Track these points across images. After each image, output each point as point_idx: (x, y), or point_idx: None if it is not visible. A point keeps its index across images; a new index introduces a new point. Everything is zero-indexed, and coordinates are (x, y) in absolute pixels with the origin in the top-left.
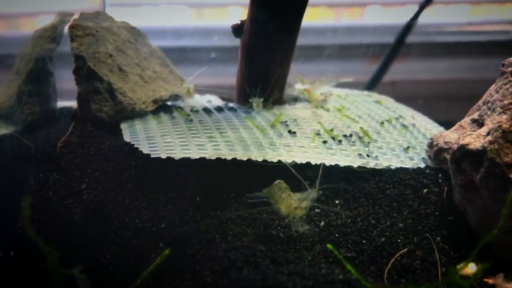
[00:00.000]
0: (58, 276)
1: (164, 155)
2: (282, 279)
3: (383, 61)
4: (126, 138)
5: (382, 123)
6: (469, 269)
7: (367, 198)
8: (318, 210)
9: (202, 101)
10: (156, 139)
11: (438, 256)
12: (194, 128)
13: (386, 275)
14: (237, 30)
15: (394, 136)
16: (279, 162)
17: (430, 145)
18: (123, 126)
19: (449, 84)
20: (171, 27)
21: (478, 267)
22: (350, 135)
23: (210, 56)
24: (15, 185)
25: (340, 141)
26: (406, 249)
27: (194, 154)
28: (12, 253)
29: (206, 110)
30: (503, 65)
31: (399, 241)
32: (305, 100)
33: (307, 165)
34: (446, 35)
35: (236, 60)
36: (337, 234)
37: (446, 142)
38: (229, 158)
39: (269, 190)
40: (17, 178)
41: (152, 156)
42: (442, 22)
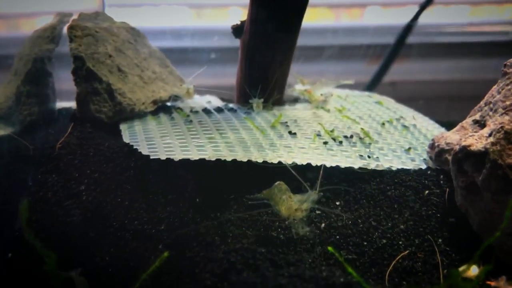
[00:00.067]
0: (56, 278)
1: (163, 156)
2: (283, 282)
3: (384, 61)
4: (125, 139)
5: (383, 124)
6: (471, 271)
7: (368, 200)
8: (318, 212)
9: (201, 101)
10: (155, 140)
11: (439, 258)
12: (194, 129)
13: (387, 278)
14: (237, 30)
15: (395, 137)
16: (280, 163)
17: (432, 146)
18: (122, 127)
19: (449, 84)
20: (171, 28)
21: (480, 270)
22: (351, 136)
23: (210, 56)
24: (14, 186)
25: (340, 142)
26: (408, 251)
27: (194, 155)
28: (10, 255)
29: (206, 111)
30: (505, 65)
31: (401, 243)
32: (305, 100)
33: (308, 166)
34: (447, 36)
35: (236, 60)
36: (338, 236)
37: (447, 143)
38: (229, 159)
39: (269, 192)
40: (15, 179)
41: (151, 157)
42: (442, 23)
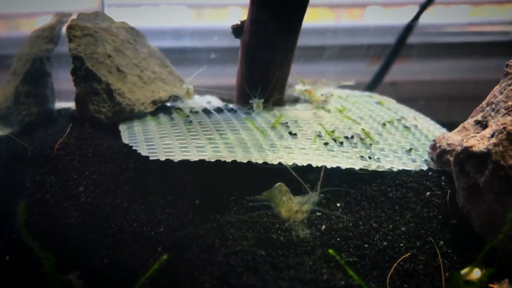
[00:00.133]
0: (55, 281)
1: (163, 157)
2: (283, 285)
3: (384, 61)
4: (125, 139)
5: (384, 125)
6: (473, 274)
7: (369, 201)
8: (319, 214)
9: (201, 102)
10: (155, 141)
11: (441, 260)
12: (194, 129)
13: (388, 280)
14: (237, 30)
15: (396, 137)
16: (280, 164)
17: (433, 147)
18: (122, 128)
19: (450, 84)
20: (171, 28)
21: (482, 272)
22: (352, 137)
23: (209, 56)
24: (12, 187)
25: (341, 143)
26: (409, 253)
27: (194, 156)
28: (8, 257)
29: (206, 111)
30: (507, 65)
31: (402, 245)
32: (305, 101)
33: (308, 167)
34: (447, 36)
35: (236, 60)
36: (338, 238)
37: (449, 144)
38: (229, 160)
39: (269, 193)
40: (13, 180)
41: (150, 158)
42: (442, 23)
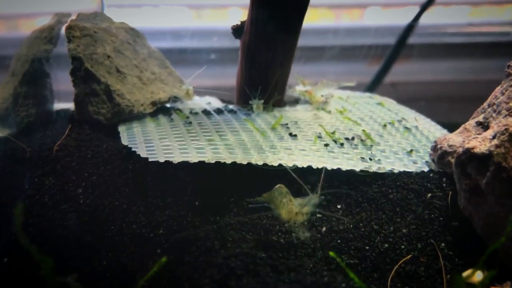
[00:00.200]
0: (52, 284)
1: (162, 159)
2: None
3: (384, 62)
4: (124, 141)
5: (385, 126)
6: (475, 276)
7: (370, 203)
8: (319, 215)
9: (201, 103)
10: (154, 142)
11: (442, 262)
12: (193, 131)
13: (389, 283)
14: (237, 31)
15: (397, 139)
16: (280, 165)
17: (434, 148)
18: (121, 129)
19: (450, 85)
20: (171, 28)
21: (485, 275)
22: (352, 138)
23: (209, 57)
24: (10, 189)
25: (342, 144)
26: (410, 255)
27: (193, 157)
28: (5, 260)
29: (206, 112)
30: (509, 66)
31: (403, 247)
32: (306, 102)
33: (309, 169)
34: (447, 36)
35: (236, 61)
36: (339, 240)
37: (450, 146)
38: (228, 161)
39: (269, 195)
40: (11, 182)
41: (150, 159)
42: (443, 23)
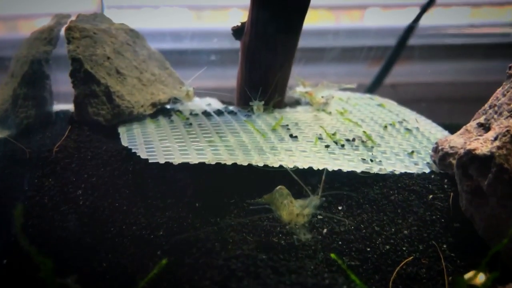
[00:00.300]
0: (52, 285)
1: (162, 160)
2: None
3: (385, 63)
4: (124, 142)
5: (386, 127)
6: (478, 278)
7: (371, 204)
8: (320, 217)
9: (201, 104)
10: (154, 144)
11: (444, 264)
12: (193, 132)
13: (391, 285)
14: (237, 32)
15: (398, 140)
16: (281, 167)
17: (435, 149)
18: (121, 130)
19: (451, 86)
20: (171, 30)
21: (487, 277)
22: (353, 139)
23: (210, 58)
24: (9, 190)
25: (343, 145)
26: (412, 257)
27: (193, 159)
28: (5, 261)
29: (206, 113)
30: (510, 68)
31: (404, 249)
32: (306, 103)
33: (309, 170)
34: (448, 38)
35: (236, 62)
36: (340, 242)
37: (451, 147)
38: (229, 163)
39: (270, 196)
40: (11, 183)
41: (150, 161)
42: (443, 25)
